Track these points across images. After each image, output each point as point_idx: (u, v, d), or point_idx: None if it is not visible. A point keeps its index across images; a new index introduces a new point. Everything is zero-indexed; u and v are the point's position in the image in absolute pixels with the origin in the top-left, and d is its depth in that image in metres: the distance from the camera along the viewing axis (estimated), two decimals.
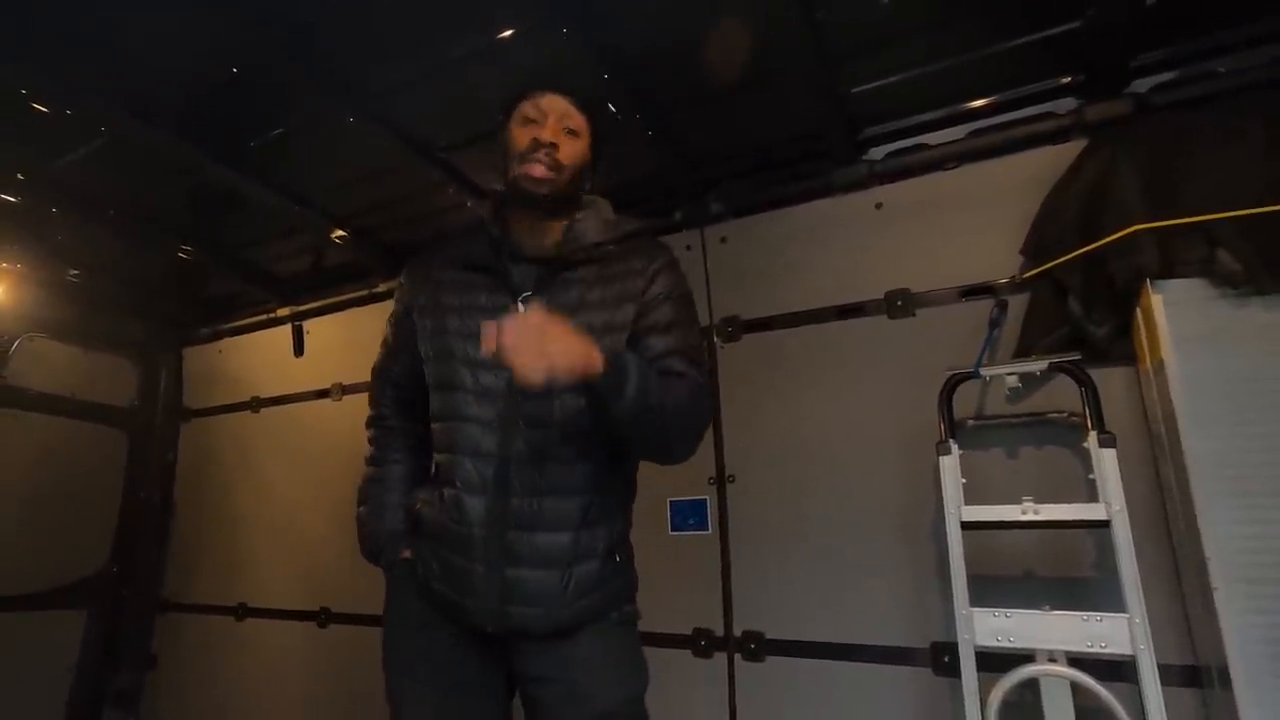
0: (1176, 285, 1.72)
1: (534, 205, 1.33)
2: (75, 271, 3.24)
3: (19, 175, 2.44)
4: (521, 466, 1.27)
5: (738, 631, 2.26)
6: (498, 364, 1.10)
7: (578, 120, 1.36)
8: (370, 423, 1.60)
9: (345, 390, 3.27)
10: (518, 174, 1.31)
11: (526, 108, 1.35)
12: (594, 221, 1.40)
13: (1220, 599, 1.55)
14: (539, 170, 1.29)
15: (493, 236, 1.40)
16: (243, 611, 3.39)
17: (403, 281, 1.52)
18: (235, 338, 3.76)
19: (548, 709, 1.30)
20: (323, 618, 3.12)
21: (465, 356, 1.33)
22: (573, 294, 1.34)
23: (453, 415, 1.34)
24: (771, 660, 2.20)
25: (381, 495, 1.50)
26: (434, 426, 1.40)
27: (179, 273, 3.39)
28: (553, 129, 1.32)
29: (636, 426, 1.21)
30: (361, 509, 1.52)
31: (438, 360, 1.38)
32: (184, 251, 3.06)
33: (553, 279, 1.35)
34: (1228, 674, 1.52)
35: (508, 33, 1.83)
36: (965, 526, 1.75)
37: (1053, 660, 1.61)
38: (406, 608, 1.39)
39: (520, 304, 1.33)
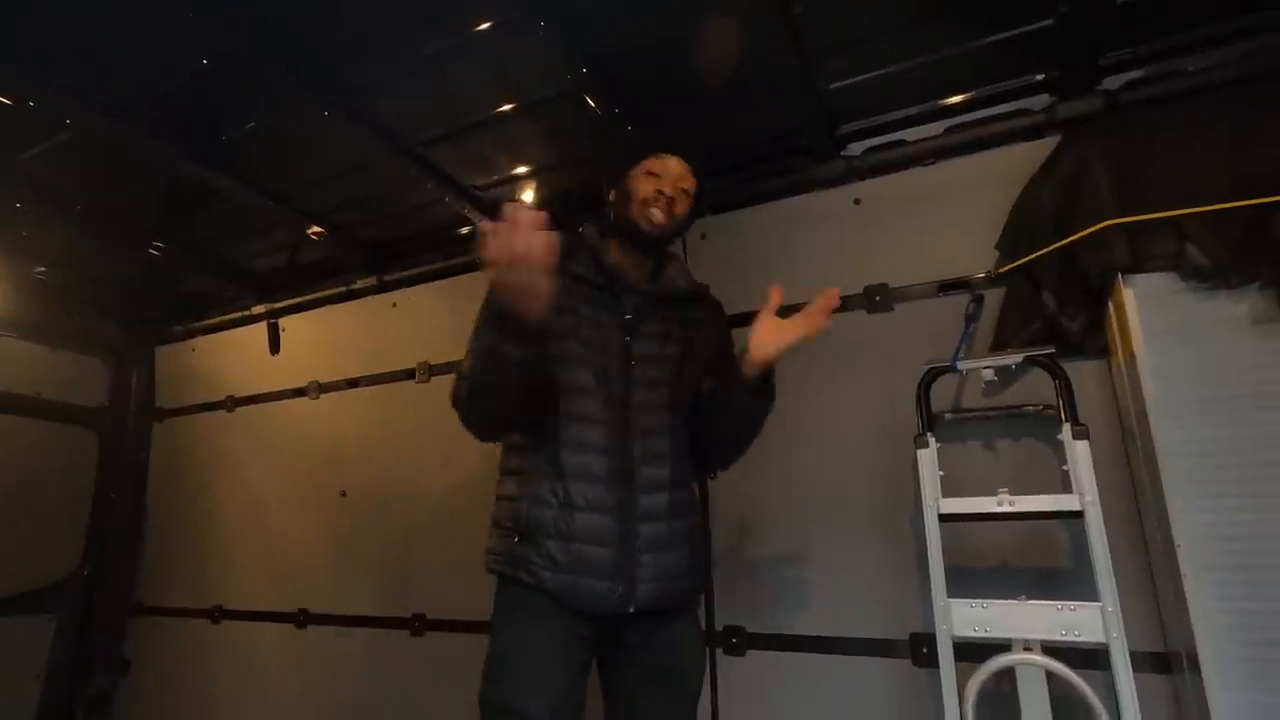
0: (1147, 279, 1.74)
1: (642, 244, 1.59)
2: (42, 268, 3.16)
3: None
4: (641, 464, 1.50)
5: (719, 626, 2.26)
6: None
7: (690, 183, 1.63)
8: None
9: (323, 389, 3.23)
10: (638, 215, 1.56)
11: (652, 163, 1.59)
12: (681, 271, 1.72)
13: (1189, 587, 1.58)
14: (658, 217, 1.55)
15: (602, 262, 1.61)
16: (218, 614, 3.33)
17: None
18: (209, 336, 3.70)
19: (649, 679, 1.52)
20: (301, 619, 3.08)
21: (594, 363, 1.52)
22: (663, 327, 1.62)
23: (580, 416, 1.50)
24: (753, 654, 2.20)
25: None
26: (552, 423, 1.50)
27: (150, 269, 3.32)
28: (673, 186, 1.58)
29: (755, 416, 1.59)
30: (471, 366, 1.39)
31: (563, 362, 1.50)
32: (155, 248, 3.00)
33: (650, 309, 1.61)
34: (1197, 660, 1.55)
35: (484, 25, 1.81)
36: (943, 518, 1.77)
37: (1028, 649, 1.64)
38: (536, 617, 1.46)
39: (626, 323, 1.58)
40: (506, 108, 2.14)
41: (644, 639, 1.51)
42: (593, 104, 2.05)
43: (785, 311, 2.32)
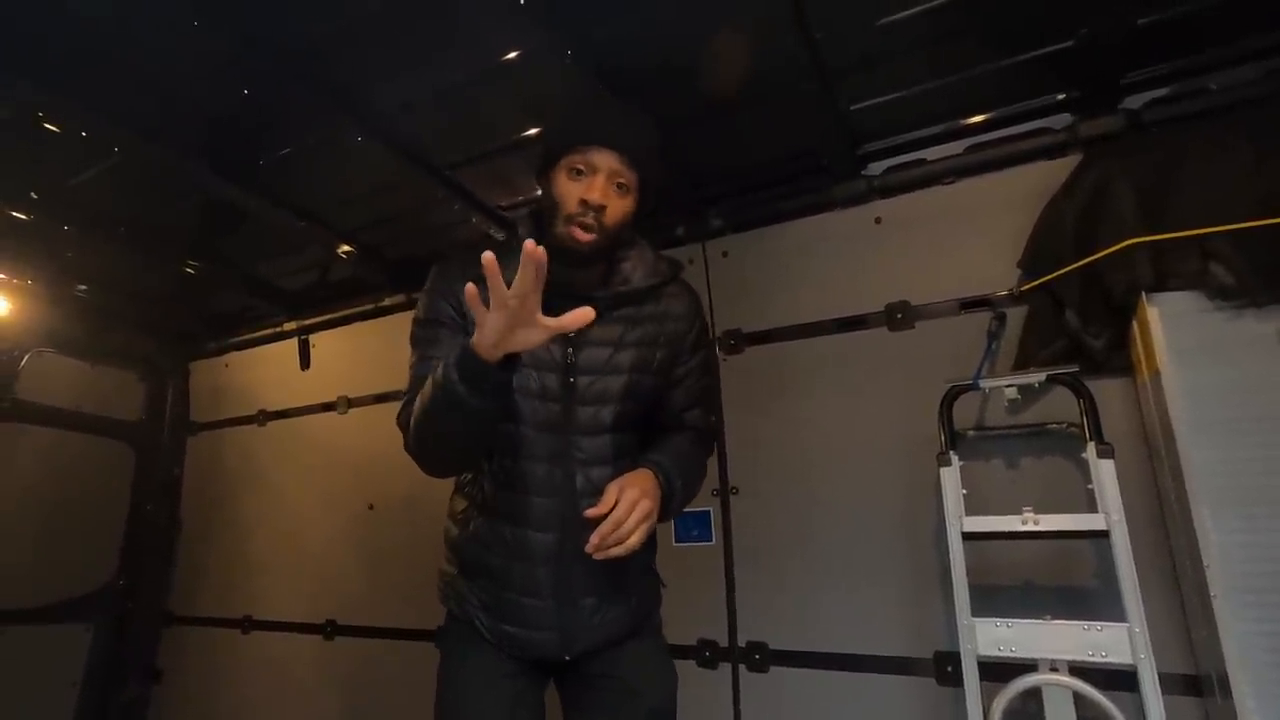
0: (1172, 298, 1.74)
1: (574, 262, 1.32)
2: (84, 287, 3.27)
3: (32, 193, 2.48)
4: (582, 498, 1.32)
5: (742, 642, 2.27)
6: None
7: (628, 177, 1.32)
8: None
9: (351, 403, 3.30)
10: (562, 232, 1.30)
11: (576, 159, 1.30)
12: (640, 265, 1.44)
13: (1219, 607, 1.56)
14: (584, 234, 1.28)
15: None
16: (248, 624, 3.40)
17: (441, 286, 1.42)
18: (241, 351, 3.79)
19: (603, 703, 1.41)
20: (329, 630, 3.13)
21: (525, 388, 1.33)
22: (615, 331, 1.40)
23: (513, 451, 1.36)
24: (775, 670, 2.21)
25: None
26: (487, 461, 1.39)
27: (186, 287, 3.42)
28: (601, 188, 1.29)
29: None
30: (422, 404, 1.23)
31: None
32: (191, 266, 3.10)
33: (600, 317, 1.32)
34: (1228, 682, 1.53)
35: (512, 54, 1.87)
36: (966, 537, 1.77)
37: (1054, 670, 1.63)
38: (472, 652, 1.42)
39: (568, 335, 1.32)
40: (532, 131, 2.19)
41: (595, 667, 1.42)
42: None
43: (804, 331, 2.39)
